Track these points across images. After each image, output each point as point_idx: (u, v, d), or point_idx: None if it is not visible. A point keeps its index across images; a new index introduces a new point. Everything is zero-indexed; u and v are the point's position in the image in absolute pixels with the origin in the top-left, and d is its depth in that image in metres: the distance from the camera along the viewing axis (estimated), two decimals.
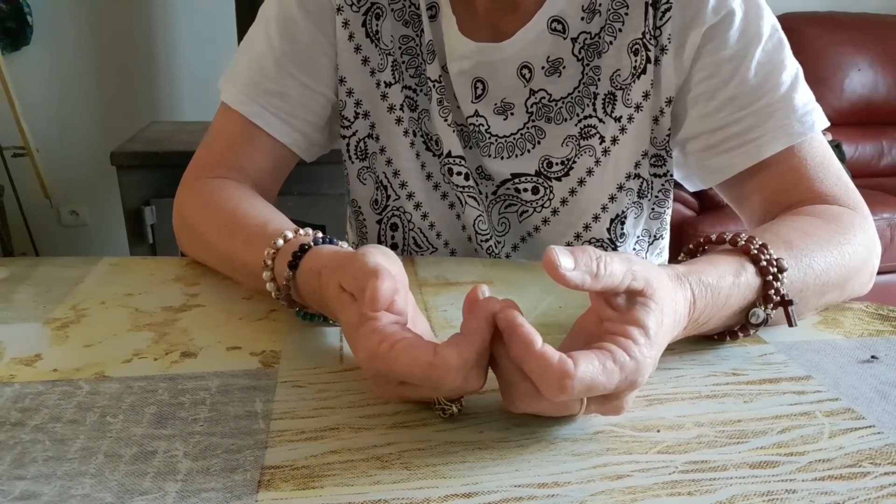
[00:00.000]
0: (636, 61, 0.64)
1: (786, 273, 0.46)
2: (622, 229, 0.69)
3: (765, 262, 0.45)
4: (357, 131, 0.71)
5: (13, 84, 1.84)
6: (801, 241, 0.50)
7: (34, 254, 2.13)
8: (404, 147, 0.71)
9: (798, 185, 0.60)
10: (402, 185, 0.72)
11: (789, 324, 0.46)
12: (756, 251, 0.46)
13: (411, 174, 0.71)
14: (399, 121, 0.70)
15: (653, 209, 0.71)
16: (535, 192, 0.70)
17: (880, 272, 0.60)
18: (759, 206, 0.62)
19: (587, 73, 0.66)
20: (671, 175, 0.70)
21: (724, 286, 0.44)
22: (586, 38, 0.65)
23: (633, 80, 0.64)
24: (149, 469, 0.34)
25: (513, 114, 0.68)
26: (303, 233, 0.51)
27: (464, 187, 0.70)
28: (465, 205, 0.70)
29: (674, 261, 0.51)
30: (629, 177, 0.67)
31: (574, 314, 0.44)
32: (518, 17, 0.65)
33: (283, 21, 0.67)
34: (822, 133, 0.62)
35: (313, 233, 0.51)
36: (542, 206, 0.70)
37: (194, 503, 0.32)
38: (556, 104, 0.67)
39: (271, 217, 0.58)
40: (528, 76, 0.66)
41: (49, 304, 0.54)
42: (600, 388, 0.34)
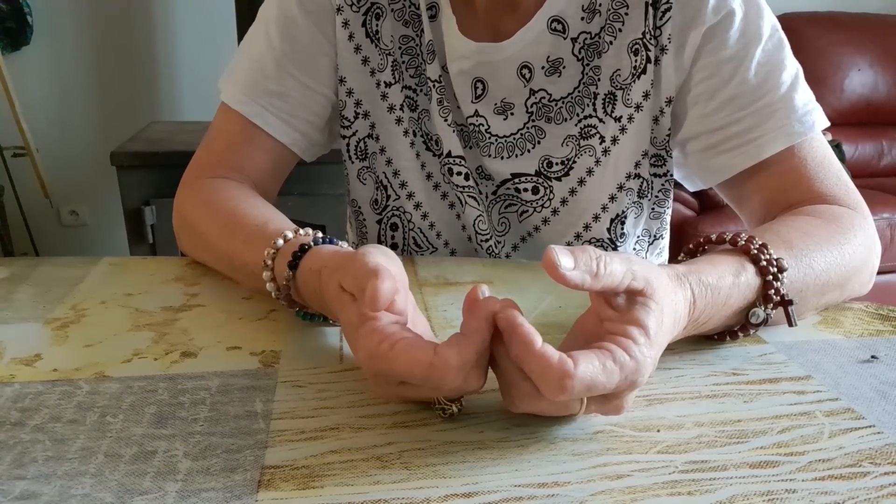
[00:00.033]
0: (636, 61, 0.64)
1: (786, 273, 0.46)
2: (622, 229, 0.69)
3: (765, 262, 0.45)
4: (357, 131, 0.71)
5: (13, 84, 1.84)
6: (801, 241, 0.50)
7: (34, 254, 2.13)
8: (404, 147, 0.71)
9: (798, 185, 0.60)
10: (402, 185, 0.72)
11: (789, 324, 0.46)
12: (756, 251, 0.46)
13: (411, 174, 0.71)
14: (399, 121, 0.70)
15: (653, 209, 0.71)
16: (535, 191, 0.70)
17: (880, 272, 0.60)
18: (759, 206, 0.62)
19: (587, 73, 0.66)
20: (671, 175, 0.70)
21: (724, 286, 0.44)
22: (586, 38, 0.65)
23: (634, 80, 0.64)
24: (149, 469, 0.34)
25: (513, 114, 0.68)
26: (303, 233, 0.52)
27: (464, 187, 0.70)
28: (465, 205, 0.70)
29: (674, 261, 0.51)
30: (629, 177, 0.67)
31: (574, 314, 0.44)
32: (518, 17, 0.65)
33: (283, 21, 0.67)
34: (822, 133, 0.62)
35: (313, 233, 0.51)
36: (543, 206, 0.70)
37: (194, 503, 0.32)
38: (556, 104, 0.67)
39: (271, 217, 0.58)
40: (528, 76, 0.66)
41: (49, 304, 0.54)
42: (600, 388, 0.34)
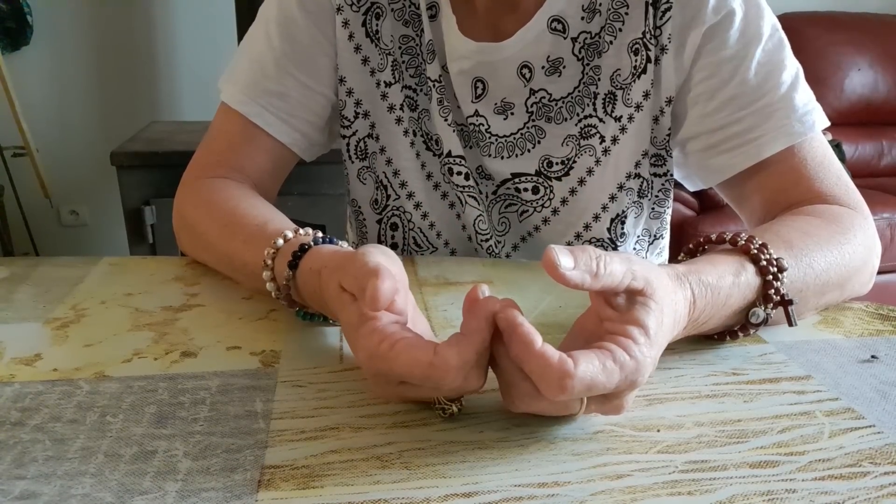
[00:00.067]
0: (636, 61, 0.64)
1: (786, 273, 0.46)
2: (622, 229, 0.69)
3: (765, 262, 0.45)
4: (357, 131, 0.71)
5: (13, 84, 1.84)
6: (801, 241, 0.50)
7: (34, 254, 2.13)
8: (404, 147, 0.71)
9: (798, 185, 0.60)
10: (402, 184, 0.72)
11: (789, 323, 0.46)
12: (756, 251, 0.46)
13: (411, 174, 0.71)
14: (399, 120, 0.70)
15: (653, 209, 0.71)
16: (535, 191, 0.70)
17: (880, 272, 0.60)
18: (759, 205, 0.62)
19: (587, 73, 0.66)
20: (671, 175, 0.70)
21: (724, 286, 0.44)
22: (586, 38, 0.65)
23: (634, 80, 0.64)
24: (149, 469, 0.34)
25: (513, 113, 0.68)
26: (303, 232, 0.51)
27: (464, 187, 0.70)
28: (466, 204, 0.70)
29: (674, 260, 0.51)
30: (629, 176, 0.67)
31: (574, 314, 0.44)
32: (518, 17, 0.65)
33: (283, 21, 0.67)
34: (822, 133, 0.62)
35: (313, 232, 0.51)
36: (543, 206, 0.70)
37: (194, 503, 0.32)
38: (557, 104, 0.67)
39: (271, 217, 0.58)
40: (528, 76, 0.66)
41: (49, 304, 0.54)
42: (600, 388, 0.34)
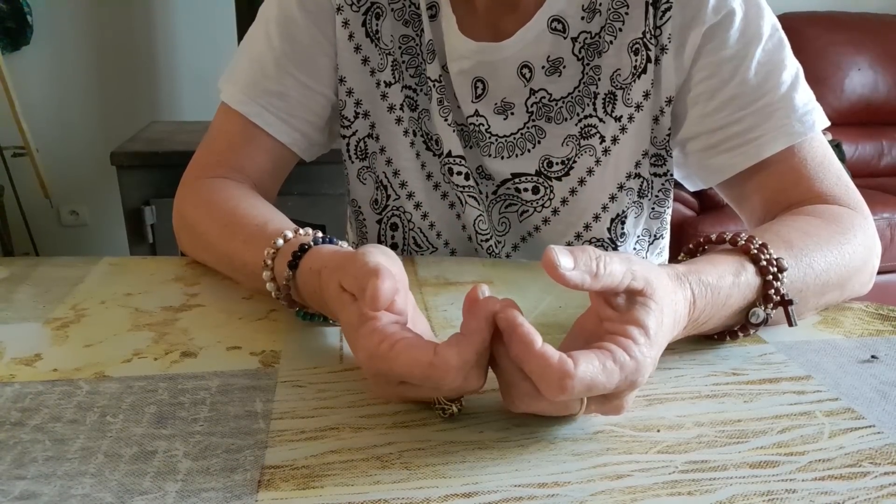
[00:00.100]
0: (636, 61, 0.64)
1: (786, 273, 0.46)
2: (622, 229, 0.69)
3: (765, 262, 0.45)
4: (357, 131, 0.71)
5: (13, 84, 1.84)
6: (801, 241, 0.50)
7: (34, 254, 2.13)
8: (404, 147, 0.71)
9: (798, 185, 0.60)
10: (402, 184, 0.72)
11: (789, 324, 0.46)
12: (756, 251, 0.46)
13: (411, 174, 0.71)
14: (399, 120, 0.70)
15: (653, 209, 0.71)
16: (535, 191, 0.70)
17: (880, 272, 0.60)
18: (759, 205, 0.62)
19: (587, 73, 0.66)
20: (671, 175, 0.70)
21: (724, 286, 0.44)
22: (586, 38, 0.65)
23: (634, 80, 0.64)
24: (149, 469, 0.34)
25: (513, 113, 0.68)
26: (303, 232, 0.51)
27: (464, 187, 0.70)
28: (466, 204, 0.70)
29: (674, 260, 0.51)
30: (629, 176, 0.67)
31: (574, 314, 0.44)
32: (518, 17, 0.65)
33: (283, 21, 0.67)
34: (822, 133, 0.62)
35: (313, 233, 0.51)
36: (543, 206, 0.70)
37: (194, 503, 0.32)
38: (557, 104, 0.67)
39: (271, 217, 0.58)
40: (528, 76, 0.66)
41: (49, 304, 0.54)
42: (600, 388, 0.34)
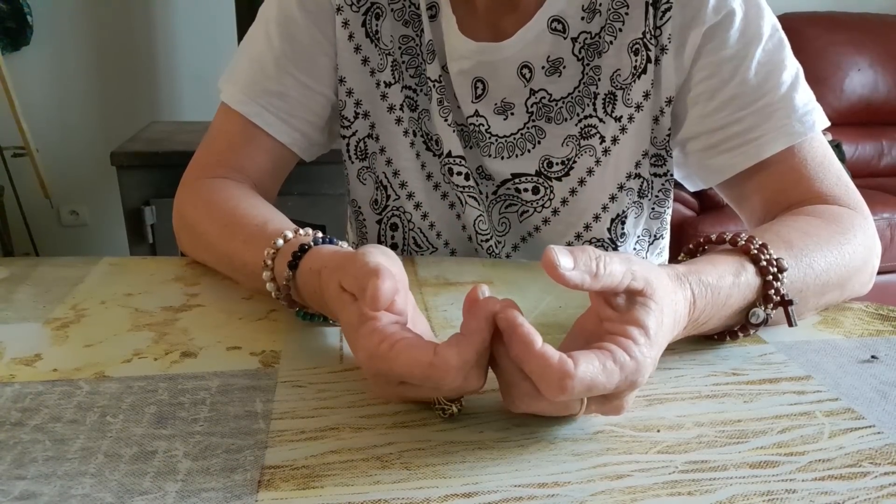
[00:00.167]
0: (636, 61, 0.64)
1: (786, 273, 0.46)
2: (622, 229, 0.69)
3: (765, 262, 0.45)
4: (357, 131, 0.71)
5: (13, 84, 1.84)
6: (801, 241, 0.50)
7: (34, 254, 2.13)
8: (404, 147, 0.71)
9: (798, 185, 0.60)
10: (402, 185, 0.72)
11: (789, 324, 0.46)
12: (756, 251, 0.46)
13: (411, 174, 0.71)
14: (399, 121, 0.70)
15: (653, 209, 0.71)
16: (535, 191, 0.70)
17: (880, 272, 0.60)
18: (759, 205, 0.62)
19: (587, 73, 0.66)
20: (671, 175, 0.70)
21: (724, 286, 0.44)
22: (586, 38, 0.65)
23: (634, 80, 0.64)
24: (149, 469, 0.34)
25: (513, 114, 0.68)
26: (303, 233, 0.51)
27: (464, 187, 0.70)
28: (466, 205, 0.70)
29: (674, 261, 0.51)
30: (629, 176, 0.67)
31: (574, 314, 0.44)
32: (518, 17, 0.65)
33: (283, 21, 0.67)
34: (823, 133, 0.62)
35: (313, 233, 0.51)
36: (543, 206, 0.70)
37: (194, 503, 0.32)
38: (557, 104, 0.67)
39: (271, 217, 0.58)
40: (528, 76, 0.66)
41: (49, 304, 0.54)
42: (600, 388, 0.34)
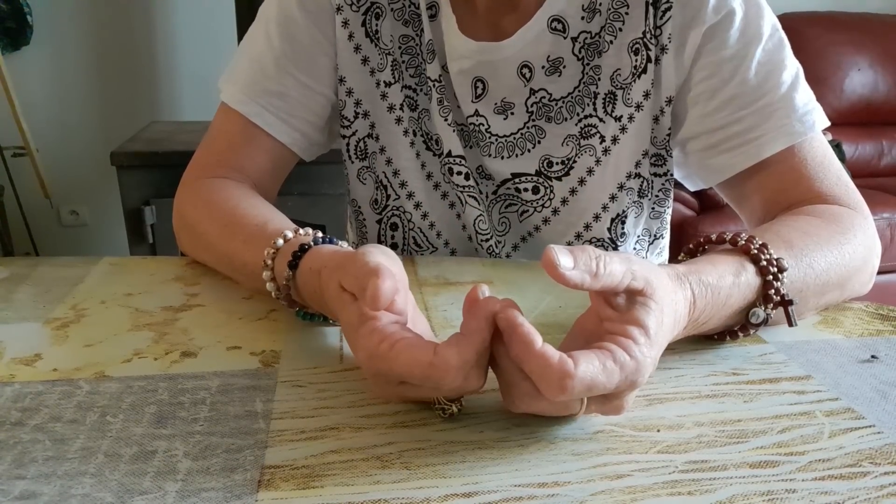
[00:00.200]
0: (636, 61, 0.64)
1: (786, 273, 0.46)
2: (623, 229, 0.69)
3: (765, 262, 0.45)
4: (357, 131, 0.71)
5: (13, 84, 1.84)
6: (801, 241, 0.50)
7: (34, 254, 2.13)
8: (404, 147, 0.71)
9: (798, 185, 0.60)
10: (402, 184, 0.72)
11: (789, 324, 0.46)
12: (756, 251, 0.46)
13: (411, 174, 0.71)
14: (399, 120, 0.70)
15: (653, 209, 0.71)
16: (535, 191, 0.70)
17: (880, 272, 0.60)
18: (759, 205, 0.62)
19: (587, 73, 0.66)
20: (671, 174, 0.70)
21: (725, 286, 0.44)
22: (586, 38, 0.65)
23: (634, 80, 0.64)
24: (149, 469, 0.34)
25: (513, 113, 0.68)
26: (303, 232, 0.51)
27: (464, 187, 0.70)
28: (466, 204, 0.70)
29: (674, 260, 0.51)
30: (630, 176, 0.67)
31: (574, 314, 0.44)
32: (518, 17, 0.65)
33: (282, 21, 0.67)
34: (823, 133, 0.62)
35: (313, 232, 0.51)
36: (543, 206, 0.70)
37: (194, 503, 0.32)
38: (557, 104, 0.67)
39: (271, 217, 0.58)
40: (528, 76, 0.66)
41: (49, 304, 0.54)
42: (600, 388, 0.34)
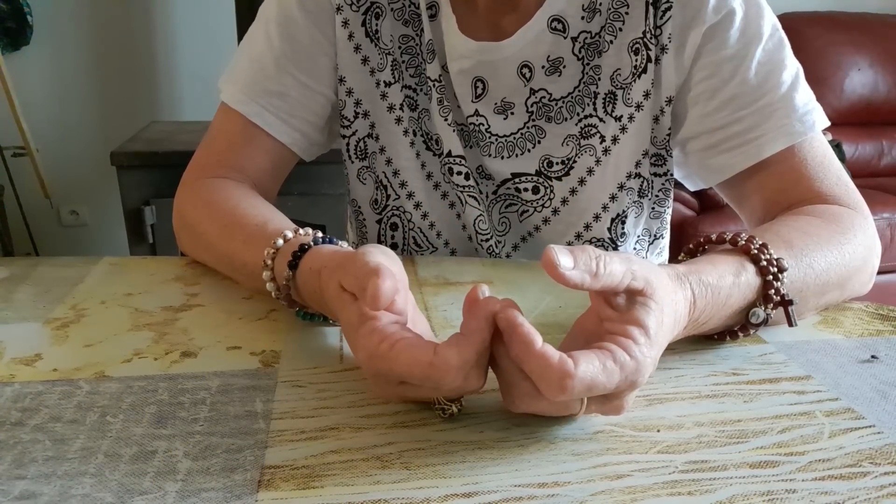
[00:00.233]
0: (637, 60, 0.64)
1: (786, 273, 0.46)
2: (623, 229, 0.69)
3: (765, 262, 0.45)
4: (357, 131, 0.71)
5: (13, 84, 1.84)
6: (801, 241, 0.50)
7: (34, 254, 2.13)
8: (404, 147, 0.71)
9: (798, 185, 0.60)
10: (402, 184, 0.72)
11: (789, 324, 0.46)
12: (756, 251, 0.46)
13: (411, 174, 0.71)
14: (399, 120, 0.70)
15: (653, 208, 0.71)
16: (535, 191, 0.70)
17: (880, 272, 0.60)
18: (759, 205, 0.62)
19: (587, 73, 0.66)
20: (671, 174, 0.70)
21: (725, 286, 0.44)
22: (586, 38, 0.65)
23: (634, 80, 0.64)
24: (149, 469, 0.34)
25: (513, 113, 0.68)
26: (303, 232, 0.51)
27: (464, 187, 0.70)
28: (466, 204, 0.70)
29: (674, 260, 0.51)
30: (630, 176, 0.67)
31: (574, 314, 0.44)
32: (518, 17, 0.65)
33: (282, 21, 0.67)
34: (822, 133, 0.62)
35: (313, 232, 0.51)
36: (543, 206, 0.70)
37: (194, 503, 0.32)
38: (557, 103, 0.67)
39: (271, 217, 0.58)
40: (528, 75, 0.66)
41: (49, 304, 0.54)
42: (600, 388, 0.34)
